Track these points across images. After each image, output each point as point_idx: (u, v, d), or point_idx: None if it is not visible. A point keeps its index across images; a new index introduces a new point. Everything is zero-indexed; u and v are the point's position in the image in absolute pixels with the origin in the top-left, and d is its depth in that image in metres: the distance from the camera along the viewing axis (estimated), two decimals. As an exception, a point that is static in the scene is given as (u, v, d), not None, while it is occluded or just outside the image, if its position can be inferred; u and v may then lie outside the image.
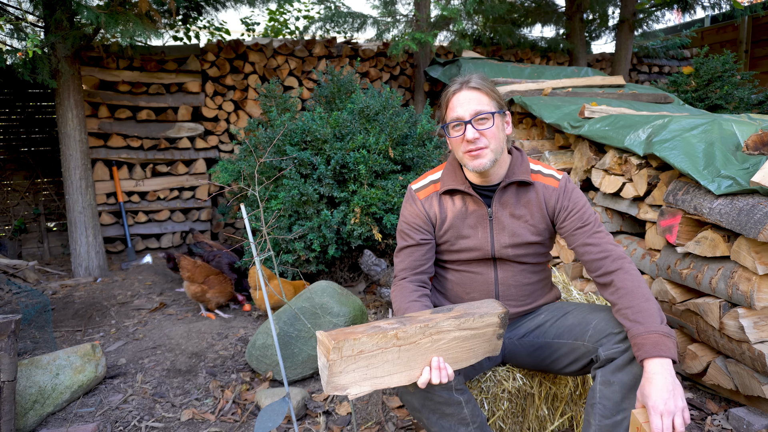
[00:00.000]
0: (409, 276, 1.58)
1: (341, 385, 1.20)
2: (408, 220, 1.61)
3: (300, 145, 3.33)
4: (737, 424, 1.90)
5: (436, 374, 1.26)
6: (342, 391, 1.20)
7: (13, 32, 3.69)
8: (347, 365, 1.19)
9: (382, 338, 1.21)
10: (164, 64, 4.88)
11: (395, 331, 1.21)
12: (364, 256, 3.10)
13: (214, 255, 3.44)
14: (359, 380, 1.21)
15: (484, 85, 1.47)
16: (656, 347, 1.22)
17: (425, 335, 1.26)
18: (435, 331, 1.26)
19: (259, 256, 1.57)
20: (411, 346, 1.25)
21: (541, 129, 3.66)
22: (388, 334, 1.21)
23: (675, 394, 1.17)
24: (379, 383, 1.24)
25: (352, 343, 1.17)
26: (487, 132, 1.44)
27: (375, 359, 1.21)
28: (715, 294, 1.96)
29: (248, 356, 2.43)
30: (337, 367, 1.18)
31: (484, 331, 1.34)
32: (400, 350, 1.24)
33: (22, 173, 5.11)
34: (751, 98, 4.89)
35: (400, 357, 1.24)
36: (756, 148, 2.03)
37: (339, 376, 1.19)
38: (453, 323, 1.28)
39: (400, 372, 1.26)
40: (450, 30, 5.48)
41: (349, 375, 1.20)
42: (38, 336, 2.85)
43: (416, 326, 1.24)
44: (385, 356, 1.23)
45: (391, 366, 1.24)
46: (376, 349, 1.21)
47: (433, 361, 1.27)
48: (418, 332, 1.25)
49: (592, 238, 1.47)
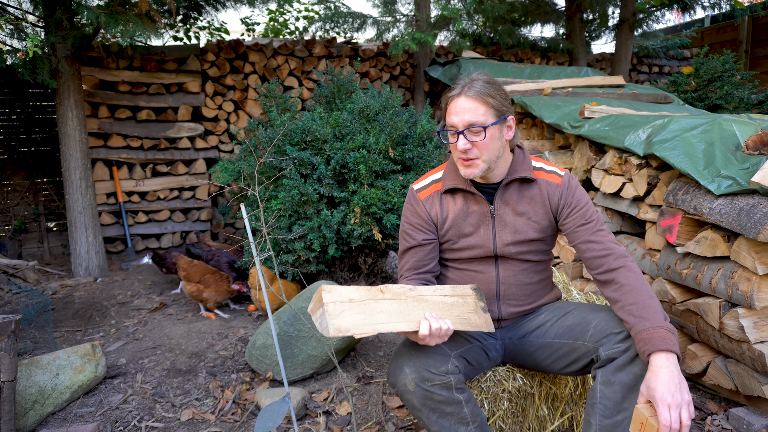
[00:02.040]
0: (413, 275, 1.58)
1: (344, 327, 1.23)
2: (410, 220, 1.61)
3: (300, 145, 3.33)
4: (737, 424, 1.90)
5: (435, 322, 1.28)
6: (346, 332, 1.22)
7: (13, 32, 3.69)
8: (343, 309, 1.24)
9: (367, 291, 1.29)
10: (164, 64, 4.88)
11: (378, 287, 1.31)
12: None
13: (213, 254, 3.44)
14: (360, 323, 1.25)
15: (484, 93, 1.42)
16: (663, 341, 1.24)
17: (408, 297, 1.34)
18: (416, 293, 1.36)
19: (259, 256, 1.57)
20: (400, 300, 1.32)
21: (541, 129, 3.66)
22: (372, 289, 1.30)
23: (681, 388, 1.19)
24: (381, 327, 1.27)
25: (340, 290, 1.26)
26: (480, 143, 1.43)
27: (368, 308, 1.27)
28: (715, 294, 1.96)
29: (248, 356, 2.43)
30: (334, 309, 1.22)
31: (465, 300, 1.41)
32: (391, 303, 1.30)
33: (22, 173, 5.11)
34: (751, 98, 4.89)
35: (394, 309, 1.30)
36: (756, 148, 2.03)
37: (338, 318, 1.23)
38: (430, 290, 1.39)
39: (399, 321, 1.29)
40: (450, 30, 5.49)
41: (348, 318, 1.24)
42: (38, 336, 2.85)
43: (397, 286, 1.34)
44: (378, 306, 1.28)
45: (388, 315, 1.29)
46: (366, 299, 1.28)
47: (426, 314, 1.31)
48: (401, 292, 1.33)
49: (595, 236, 1.47)
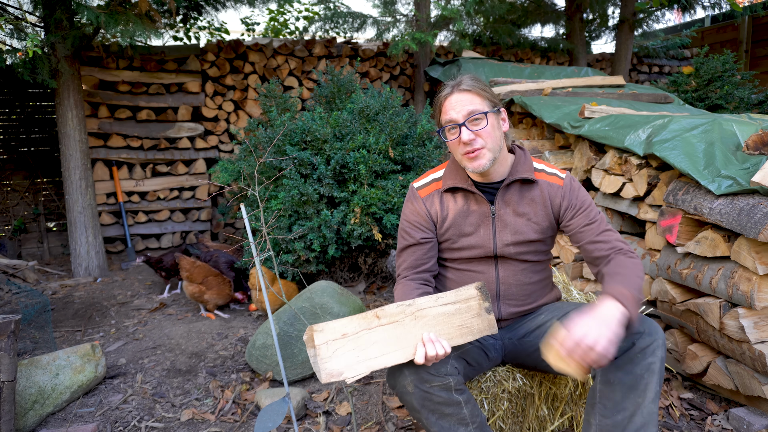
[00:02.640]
0: (411, 274, 1.57)
1: (336, 371, 1.20)
2: (409, 218, 1.61)
3: (300, 145, 3.33)
4: (737, 425, 1.89)
5: (430, 347, 1.26)
6: (338, 377, 1.20)
7: (13, 32, 3.70)
8: (335, 349, 1.19)
9: (362, 319, 1.23)
10: (164, 64, 4.88)
11: (374, 311, 1.24)
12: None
13: (211, 255, 3.44)
14: (353, 363, 1.21)
15: (475, 86, 1.47)
16: (624, 298, 1.24)
17: (407, 314, 1.27)
18: (415, 309, 1.28)
19: (259, 256, 1.57)
20: (396, 325, 1.26)
21: (541, 129, 3.66)
22: (367, 315, 1.23)
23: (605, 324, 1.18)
24: (374, 364, 1.24)
25: (334, 325, 1.20)
26: (483, 132, 1.44)
27: (361, 340, 1.22)
28: (716, 294, 1.96)
29: (248, 356, 2.43)
30: (325, 352, 1.18)
31: (467, 305, 1.35)
32: (386, 330, 1.25)
33: (21, 173, 5.11)
34: (751, 98, 4.89)
35: (387, 337, 1.25)
36: (756, 148, 2.02)
37: (330, 361, 1.19)
38: (431, 301, 1.32)
39: (393, 351, 1.26)
40: (450, 30, 5.49)
41: (340, 359, 1.20)
42: (38, 336, 2.85)
43: (395, 305, 1.27)
44: (371, 336, 1.23)
45: (382, 346, 1.24)
46: (360, 330, 1.23)
47: (423, 335, 1.28)
48: (399, 311, 1.27)
49: (601, 236, 1.47)
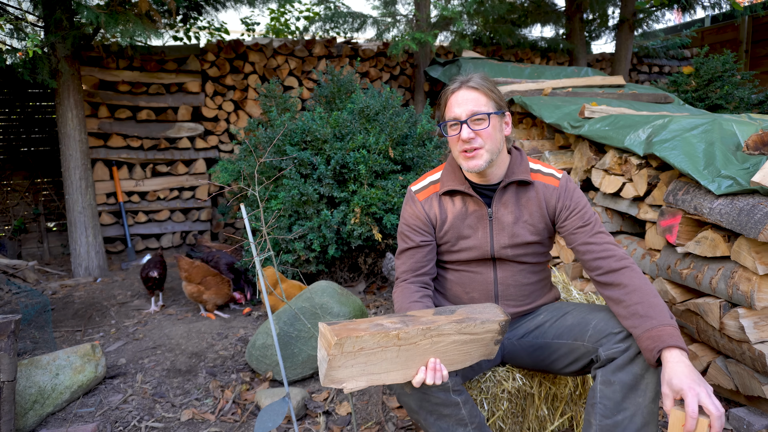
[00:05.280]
0: (411, 278, 1.57)
1: (338, 379, 1.21)
2: (408, 222, 1.61)
3: (300, 145, 3.33)
4: (737, 424, 1.89)
5: (431, 375, 1.27)
6: (338, 385, 1.21)
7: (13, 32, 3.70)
8: (346, 360, 1.20)
9: (383, 337, 1.21)
10: (164, 64, 4.88)
11: (397, 331, 1.22)
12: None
13: (212, 256, 3.44)
14: (356, 375, 1.23)
15: (483, 86, 1.47)
16: (673, 338, 1.24)
17: (426, 337, 1.27)
18: (436, 333, 1.27)
19: (259, 256, 1.57)
20: (411, 347, 1.26)
21: (541, 129, 3.66)
22: (390, 334, 1.22)
23: (701, 379, 1.18)
24: (375, 379, 1.25)
25: (354, 340, 1.18)
26: (483, 132, 1.45)
27: (374, 356, 1.23)
28: (716, 294, 1.96)
29: (248, 356, 2.43)
30: (336, 362, 1.19)
31: (483, 337, 1.34)
32: (400, 350, 1.25)
33: (21, 173, 5.11)
34: (751, 98, 4.89)
35: (399, 356, 1.25)
36: (756, 148, 2.02)
37: (337, 370, 1.20)
38: (454, 327, 1.29)
39: (397, 370, 1.27)
40: (450, 30, 5.49)
41: (347, 370, 1.21)
42: (38, 336, 2.85)
43: (418, 328, 1.25)
44: (384, 354, 1.24)
45: (389, 364, 1.25)
46: (377, 348, 1.22)
47: (429, 362, 1.28)
48: (419, 334, 1.26)
49: (594, 238, 1.47)
